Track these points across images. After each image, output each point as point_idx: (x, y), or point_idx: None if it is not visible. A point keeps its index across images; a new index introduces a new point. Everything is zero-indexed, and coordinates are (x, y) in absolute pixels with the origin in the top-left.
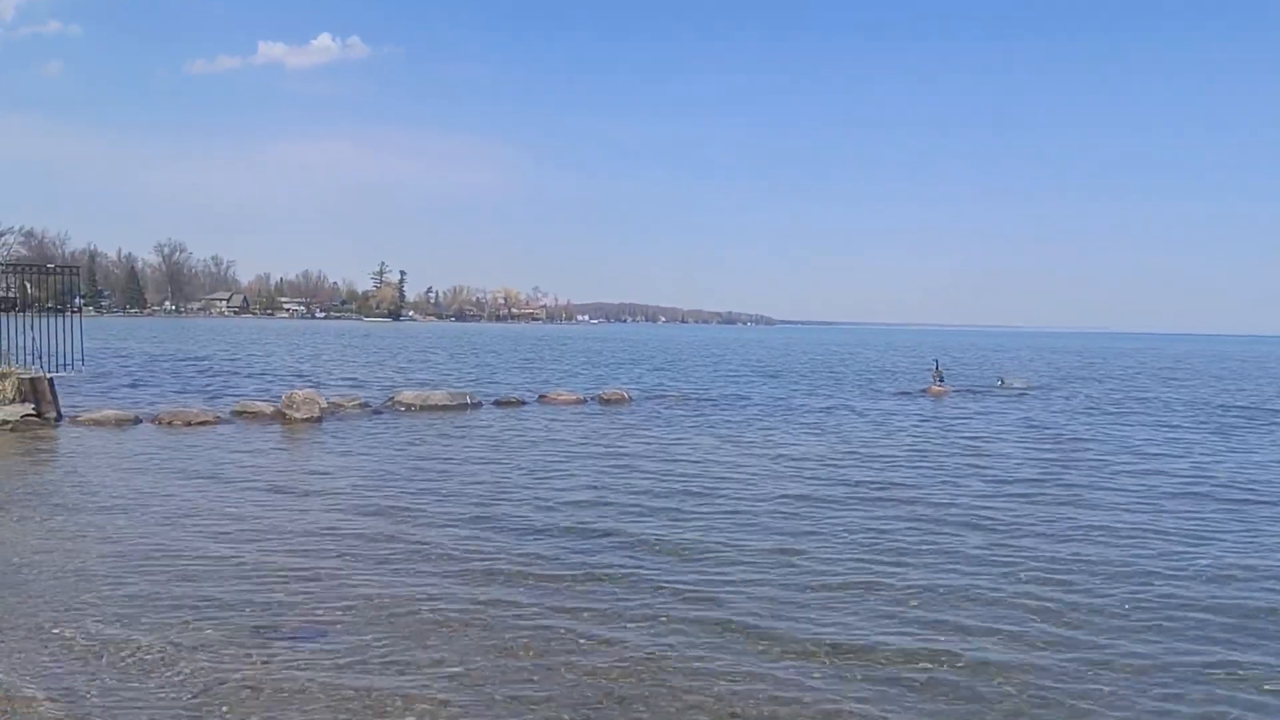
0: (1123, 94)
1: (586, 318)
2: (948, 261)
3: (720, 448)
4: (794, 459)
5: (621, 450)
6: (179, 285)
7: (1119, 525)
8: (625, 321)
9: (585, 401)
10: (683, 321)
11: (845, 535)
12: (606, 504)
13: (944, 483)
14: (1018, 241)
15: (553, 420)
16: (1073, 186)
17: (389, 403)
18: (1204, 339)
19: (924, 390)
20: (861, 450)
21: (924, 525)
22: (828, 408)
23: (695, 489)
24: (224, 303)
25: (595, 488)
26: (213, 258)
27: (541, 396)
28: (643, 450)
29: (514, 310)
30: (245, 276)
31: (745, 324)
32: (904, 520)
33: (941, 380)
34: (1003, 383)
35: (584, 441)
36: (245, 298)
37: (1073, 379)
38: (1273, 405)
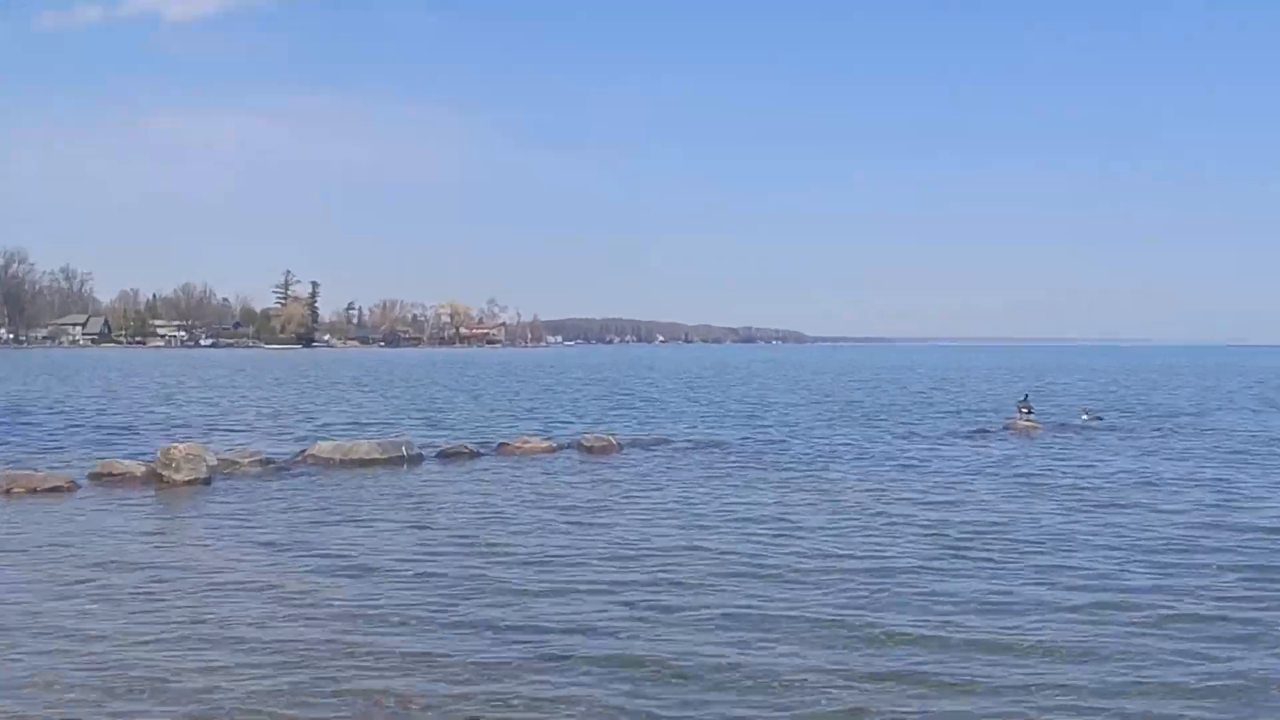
0: None
1: (559, 339)
2: (1010, 272)
3: (747, 521)
4: (867, 533)
5: (609, 524)
6: (19, 307)
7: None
8: (611, 342)
9: (559, 450)
10: (687, 340)
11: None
12: (604, 608)
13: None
14: (1097, 246)
15: (517, 478)
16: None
17: (300, 457)
18: None
19: (1005, 425)
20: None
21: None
22: (894, 456)
23: (697, 586)
24: (78, 329)
25: (582, 590)
26: (62, 270)
27: (501, 445)
28: (637, 536)
29: (463, 331)
30: (105, 294)
31: (769, 342)
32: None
33: (1029, 413)
34: (1087, 415)
35: (564, 511)
36: (106, 321)
37: (1158, 407)
38: None
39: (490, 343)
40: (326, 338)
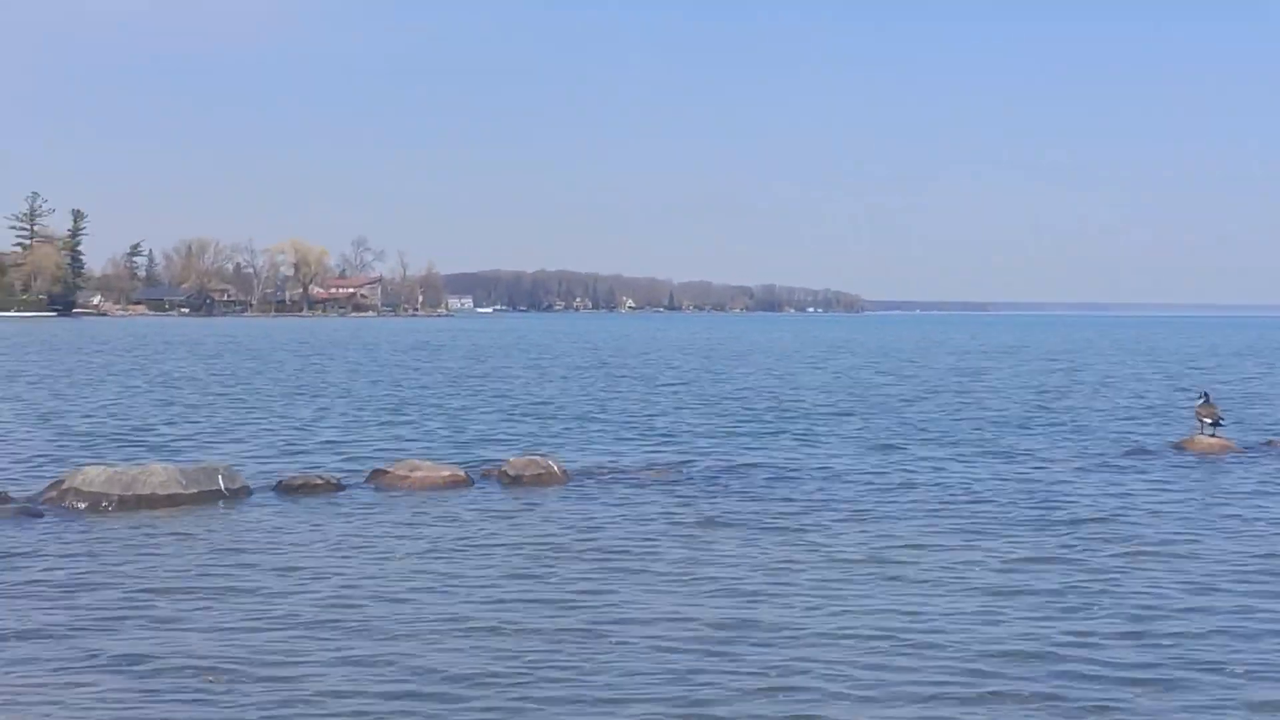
0: None
1: (466, 302)
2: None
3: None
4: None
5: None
6: None
7: None
8: (551, 308)
9: (468, 484)
10: (672, 307)
11: None
12: None
13: None
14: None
15: (397, 525)
16: None
17: (52, 494)
18: None
19: (1177, 444)
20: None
21: None
22: (992, 497)
23: None
24: None
25: None
26: None
27: (376, 473)
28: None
29: (314, 290)
30: None
31: (806, 310)
32: None
33: (1217, 424)
34: None
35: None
36: None
37: None
38: None
39: (359, 309)
40: (96, 300)
